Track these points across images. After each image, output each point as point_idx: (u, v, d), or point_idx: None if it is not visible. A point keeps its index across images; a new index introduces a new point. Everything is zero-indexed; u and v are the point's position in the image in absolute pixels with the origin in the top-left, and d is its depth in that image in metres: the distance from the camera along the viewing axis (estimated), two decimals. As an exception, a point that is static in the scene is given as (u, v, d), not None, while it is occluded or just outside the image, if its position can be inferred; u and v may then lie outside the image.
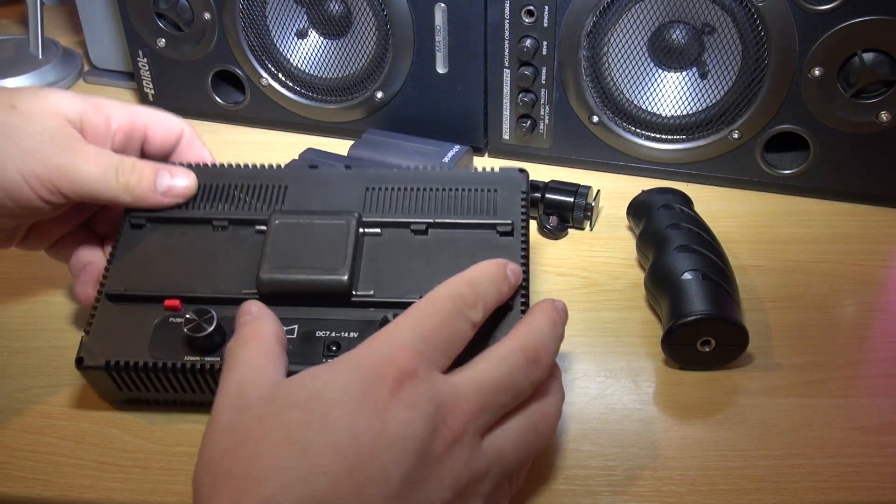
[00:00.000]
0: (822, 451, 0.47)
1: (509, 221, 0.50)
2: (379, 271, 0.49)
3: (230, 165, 0.54)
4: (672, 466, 0.46)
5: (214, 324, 0.45)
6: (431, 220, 0.50)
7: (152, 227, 0.51)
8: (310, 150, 0.69)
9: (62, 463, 0.47)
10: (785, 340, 0.54)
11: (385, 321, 0.45)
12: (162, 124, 0.53)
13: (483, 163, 0.74)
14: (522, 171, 0.53)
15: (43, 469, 0.47)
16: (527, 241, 0.50)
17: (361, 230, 0.50)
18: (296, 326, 0.47)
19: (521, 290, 0.47)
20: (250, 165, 0.54)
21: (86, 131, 0.50)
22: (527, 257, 0.49)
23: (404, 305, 0.43)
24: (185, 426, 0.49)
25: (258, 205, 0.52)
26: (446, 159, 0.69)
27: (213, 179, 0.53)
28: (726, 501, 0.44)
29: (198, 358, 0.46)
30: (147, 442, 0.48)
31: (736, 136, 0.66)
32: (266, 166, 0.54)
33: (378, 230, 0.50)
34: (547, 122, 0.70)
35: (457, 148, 0.70)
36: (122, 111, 0.52)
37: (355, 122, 0.75)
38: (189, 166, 0.53)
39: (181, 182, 0.51)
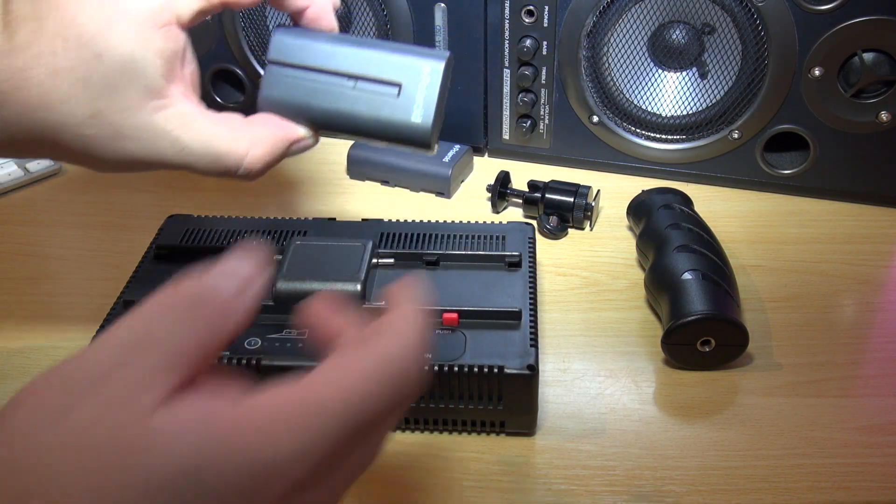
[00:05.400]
0: (822, 451, 0.46)
1: (517, 253, 0.53)
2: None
3: (256, 217, 0.58)
4: (672, 466, 0.46)
5: None
6: (442, 252, 0.53)
7: (175, 256, 0.54)
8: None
9: (62, 463, 0.47)
10: (785, 340, 0.54)
11: None
12: None
13: (483, 162, 0.73)
14: (528, 224, 0.56)
15: (43, 469, 0.47)
16: (534, 273, 0.52)
17: (376, 261, 0.52)
18: (307, 331, 0.48)
19: (530, 298, 0.50)
20: (275, 217, 0.58)
21: None
22: (534, 290, 0.51)
23: None
24: (185, 426, 0.49)
25: (279, 243, 0.55)
26: (446, 159, 0.69)
27: (239, 226, 0.56)
28: (726, 501, 0.44)
29: None
30: (147, 442, 0.48)
31: (736, 136, 0.66)
32: (289, 218, 0.58)
33: (391, 260, 0.53)
34: (547, 122, 0.70)
35: (457, 148, 0.70)
36: None
37: (355, 122, 0.75)
38: (214, 218, 0.57)
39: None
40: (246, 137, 0.43)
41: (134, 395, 0.27)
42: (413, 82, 0.40)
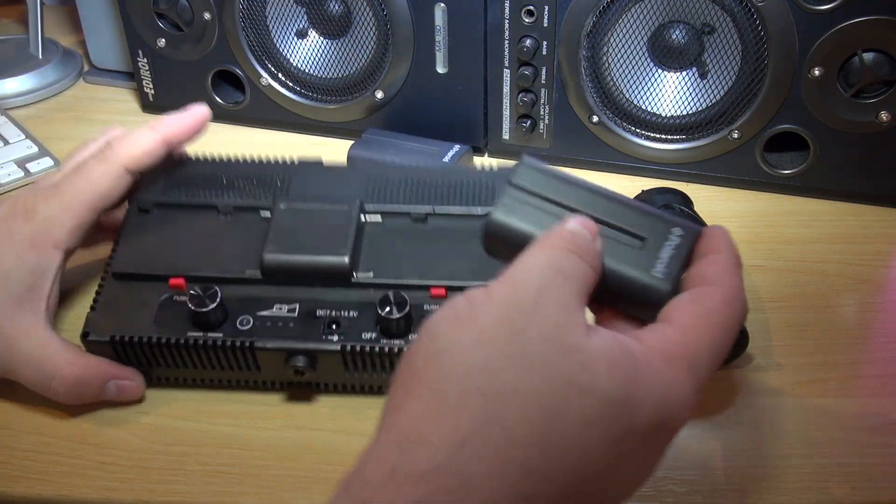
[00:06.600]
0: (822, 451, 0.46)
1: None
2: (379, 256, 0.50)
3: (238, 159, 0.55)
4: (672, 466, 0.46)
5: (218, 300, 0.47)
6: (431, 210, 0.52)
7: (159, 211, 0.53)
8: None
9: (62, 463, 0.47)
10: (785, 340, 0.54)
11: (385, 300, 0.47)
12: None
13: (483, 163, 0.73)
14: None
15: (43, 469, 0.47)
16: None
17: (363, 217, 0.51)
18: (297, 305, 0.49)
19: None
20: (258, 159, 0.55)
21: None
22: None
23: (402, 287, 0.47)
24: (185, 426, 0.49)
25: (263, 192, 0.53)
26: (446, 159, 0.69)
27: (221, 171, 0.55)
28: (726, 501, 0.44)
29: (201, 334, 0.47)
30: (147, 442, 0.48)
31: (736, 136, 0.66)
32: (273, 160, 0.55)
33: (379, 217, 0.52)
34: (547, 122, 0.70)
35: (457, 148, 0.70)
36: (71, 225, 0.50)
37: (355, 122, 0.75)
38: (197, 160, 0.55)
39: (129, 385, 0.50)
40: (68, 357, 0.48)
41: (570, 319, 0.31)
42: (659, 239, 0.38)
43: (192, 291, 0.47)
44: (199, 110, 0.54)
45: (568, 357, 0.30)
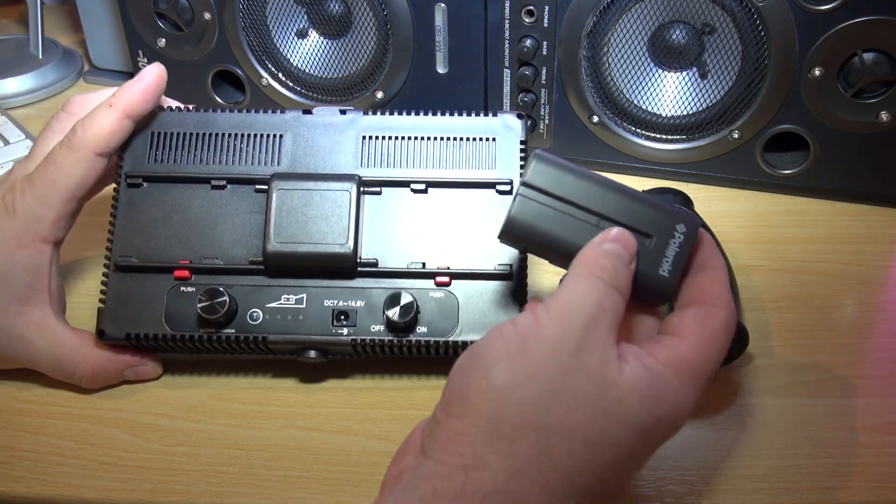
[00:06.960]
0: (822, 451, 0.47)
1: (508, 179, 0.51)
2: (381, 235, 0.50)
3: (224, 111, 0.54)
4: (672, 466, 0.46)
5: (227, 305, 0.48)
6: (430, 179, 0.51)
7: (150, 185, 0.52)
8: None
9: (62, 463, 0.47)
10: (785, 340, 0.54)
11: (391, 303, 0.48)
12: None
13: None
14: (521, 115, 0.53)
15: (43, 469, 0.47)
16: None
17: (362, 189, 0.51)
18: (304, 296, 0.49)
19: (521, 277, 0.50)
20: (245, 111, 0.54)
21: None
22: None
23: (407, 275, 0.49)
24: (185, 426, 0.49)
25: (254, 155, 0.52)
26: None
27: (209, 128, 0.53)
28: (726, 501, 0.44)
29: (213, 330, 0.48)
30: (147, 442, 0.48)
31: (736, 136, 0.66)
32: (261, 111, 0.54)
33: (378, 189, 0.51)
34: (547, 122, 0.70)
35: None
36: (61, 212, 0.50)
37: (355, 122, 0.75)
38: (180, 109, 0.54)
39: (145, 369, 0.52)
40: (83, 351, 0.50)
41: (609, 356, 0.36)
42: (665, 237, 0.40)
43: (199, 304, 0.48)
44: (152, 71, 0.51)
45: (606, 393, 0.35)
